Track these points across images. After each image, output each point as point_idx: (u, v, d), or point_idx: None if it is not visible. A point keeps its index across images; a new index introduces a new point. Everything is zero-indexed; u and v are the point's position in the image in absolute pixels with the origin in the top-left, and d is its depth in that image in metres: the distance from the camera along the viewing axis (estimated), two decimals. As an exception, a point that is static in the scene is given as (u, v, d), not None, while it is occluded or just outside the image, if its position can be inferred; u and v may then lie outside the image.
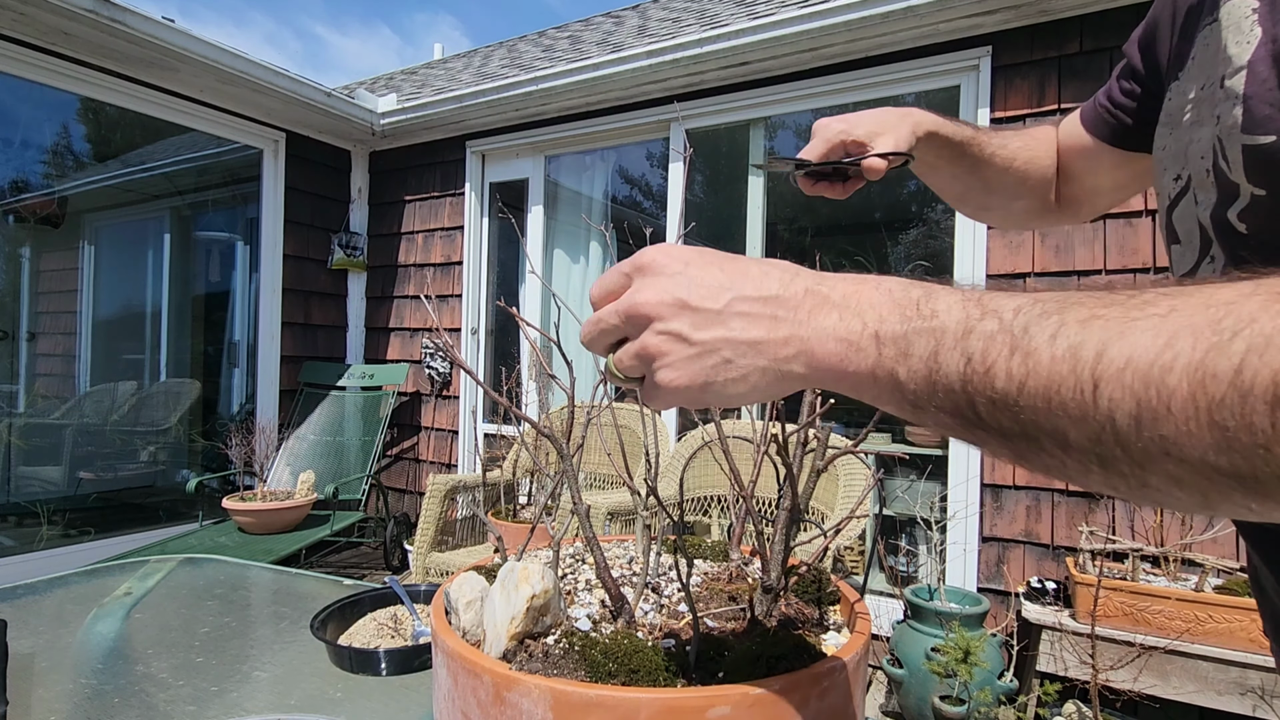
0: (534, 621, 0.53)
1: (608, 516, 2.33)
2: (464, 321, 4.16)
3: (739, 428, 2.30)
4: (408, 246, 4.42)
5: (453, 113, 3.92)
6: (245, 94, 3.68)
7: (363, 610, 1.00)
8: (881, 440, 3.37)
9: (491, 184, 4.22)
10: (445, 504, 2.81)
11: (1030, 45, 2.66)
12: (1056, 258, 2.58)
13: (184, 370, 5.12)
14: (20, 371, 4.53)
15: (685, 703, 0.43)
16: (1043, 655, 2.21)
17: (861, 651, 0.53)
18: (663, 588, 0.67)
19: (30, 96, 3.72)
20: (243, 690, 0.82)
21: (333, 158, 4.47)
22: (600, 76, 3.37)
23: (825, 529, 0.69)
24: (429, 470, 4.28)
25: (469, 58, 6.00)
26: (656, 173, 4.56)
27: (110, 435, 4.49)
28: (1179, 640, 1.97)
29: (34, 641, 0.94)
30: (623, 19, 5.04)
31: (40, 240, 4.60)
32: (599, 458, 3.24)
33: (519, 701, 0.45)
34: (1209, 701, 1.97)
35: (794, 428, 0.61)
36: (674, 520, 0.69)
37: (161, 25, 3.10)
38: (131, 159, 4.92)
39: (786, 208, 5.04)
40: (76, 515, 3.85)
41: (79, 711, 0.76)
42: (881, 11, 2.65)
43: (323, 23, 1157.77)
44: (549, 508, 0.76)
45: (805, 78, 3.09)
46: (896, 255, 4.12)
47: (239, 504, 3.25)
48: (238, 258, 5.00)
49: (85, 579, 1.24)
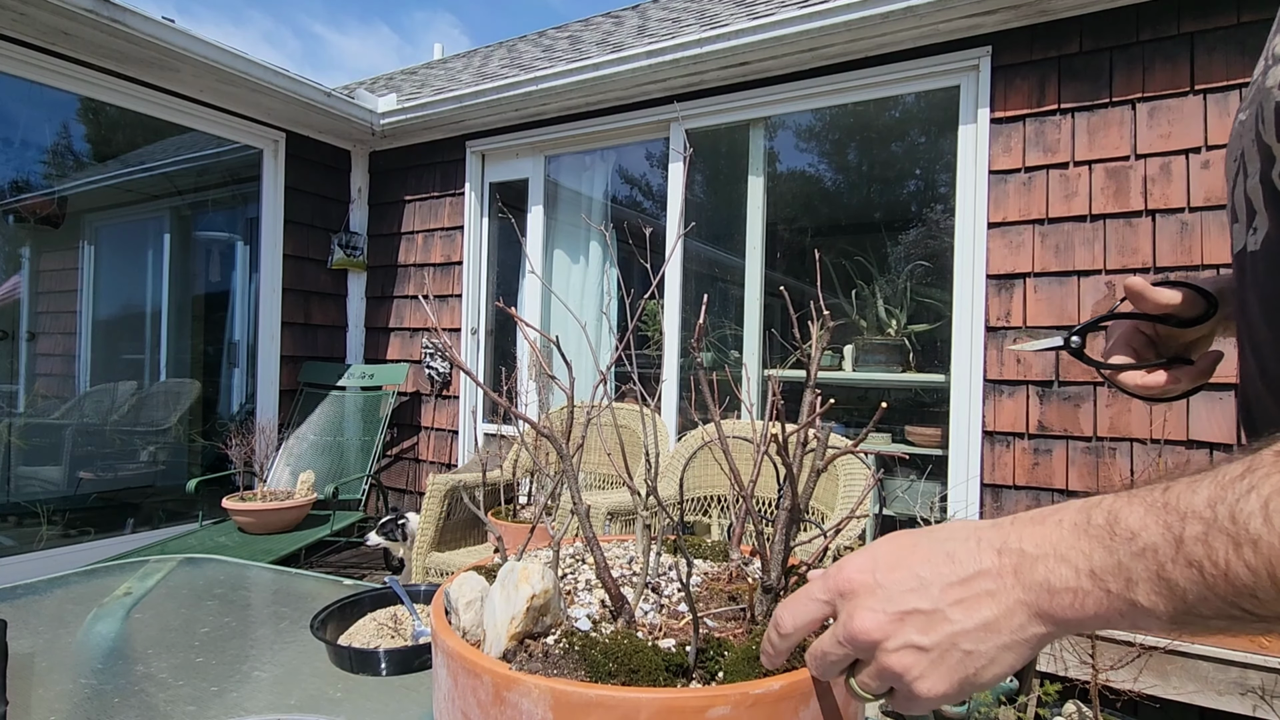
0: (534, 621, 0.53)
1: (608, 516, 2.33)
2: (464, 321, 4.16)
3: (739, 428, 2.30)
4: (408, 246, 4.42)
5: (453, 113, 3.92)
6: (245, 94, 3.68)
7: (363, 610, 1.00)
8: (881, 440, 3.36)
9: (491, 184, 4.22)
10: (445, 504, 2.81)
11: (1030, 45, 2.66)
12: (1057, 258, 2.58)
13: (184, 370, 5.12)
14: (20, 371, 4.53)
15: (685, 703, 0.43)
16: (1043, 655, 2.21)
17: (861, 651, 0.53)
18: (663, 588, 0.67)
19: (30, 96, 3.72)
20: (243, 690, 0.82)
21: (333, 158, 4.47)
22: (600, 76, 3.37)
23: (825, 529, 0.68)
24: (429, 470, 4.28)
25: (469, 58, 6.00)
26: (656, 173, 4.56)
27: (110, 435, 4.49)
28: (1179, 640, 1.97)
29: (34, 641, 0.93)
30: (622, 19, 5.04)
31: (40, 240, 4.59)
32: (599, 458, 3.24)
33: (519, 701, 0.45)
34: (1209, 701, 1.97)
35: (794, 428, 0.61)
36: (674, 520, 0.69)
37: (161, 25, 3.09)
38: (131, 159, 4.92)
39: (786, 208, 5.04)
40: (76, 515, 3.85)
41: (79, 711, 0.76)
42: (881, 11, 2.65)
43: (321, 21, 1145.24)
44: (549, 508, 0.76)
45: (805, 78, 3.09)
46: (896, 255, 4.12)
47: (239, 504, 3.25)
48: (238, 258, 5.00)
49: (85, 579, 1.24)
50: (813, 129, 4.95)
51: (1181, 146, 2.41)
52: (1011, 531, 0.39)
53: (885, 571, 0.41)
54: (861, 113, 4.16)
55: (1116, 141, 2.51)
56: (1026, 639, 0.38)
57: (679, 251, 3.52)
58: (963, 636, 0.38)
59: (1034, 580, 0.37)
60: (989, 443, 2.67)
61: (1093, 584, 0.35)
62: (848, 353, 3.43)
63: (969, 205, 2.77)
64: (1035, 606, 0.37)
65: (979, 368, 2.70)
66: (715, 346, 4.12)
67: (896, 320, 3.41)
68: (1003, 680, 0.41)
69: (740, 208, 3.37)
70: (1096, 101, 2.54)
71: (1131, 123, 2.49)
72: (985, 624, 0.38)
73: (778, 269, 4.25)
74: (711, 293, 2.15)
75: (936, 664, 0.39)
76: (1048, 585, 0.36)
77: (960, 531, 0.41)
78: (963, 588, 0.39)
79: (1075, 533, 0.36)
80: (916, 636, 0.39)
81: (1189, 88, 2.40)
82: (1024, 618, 0.37)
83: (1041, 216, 2.62)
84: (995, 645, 0.38)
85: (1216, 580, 0.31)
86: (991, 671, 0.39)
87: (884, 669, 0.40)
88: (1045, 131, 2.62)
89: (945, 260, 2.98)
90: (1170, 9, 2.44)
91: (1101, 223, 2.52)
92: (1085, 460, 2.50)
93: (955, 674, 0.39)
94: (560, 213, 4.19)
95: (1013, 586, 0.38)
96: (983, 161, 2.73)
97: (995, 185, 2.71)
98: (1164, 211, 2.42)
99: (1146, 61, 2.47)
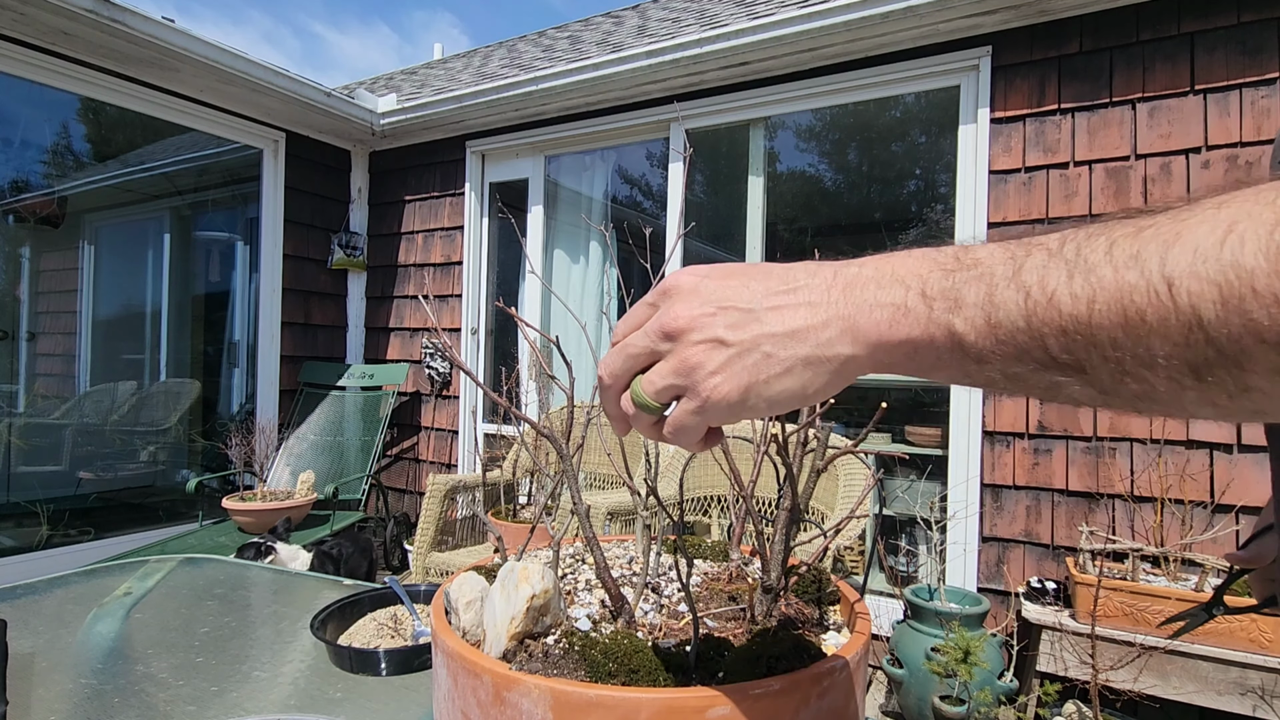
0: (534, 621, 0.53)
1: (608, 516, 2.33)
2: (464, 321, 4.16)
3: (739, 428, 2.30)
4: (407, 246, 4.42)
5: (452, 113, 3.93)
6: (245, 94, 3.68)
7: (363, 610, 1.00)
8: (881, 440, 3.37)
9: (491, 184, 4.22)
10: (445, 504, 2.81)
11: (1030, 45, 2.66)
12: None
13: (184, 370, 5.12)
14: (20, 371, 4.53)
15: (685, 703, 0.43)
16: (1043, 655, 2.21)
17: (861, 651, 0.53)
18: (663, 588, 0.67)
19: (30, 96, 3.72)
20: (243, 690, 0.82)
21: (333, 158, 4.47)
22: (600, 76, 3.37)
23: (825, 529, 0.69)
24: (429, 470, 4.28)
25: (469, 57, 6.00)
26: (656, 173, 4.56)
27: (110, 435, 4.49)
28: (1179, 640, 1.97)
29: (34, 641, 0.93)
30: (622, 19, 5.04)
31: (40, 240, 4.59)
32: (599, 458, 3.24)
33: (519, 701, 0.45)
34: (1209, 701, 1.97)
35: (794, 428, 0.61)
36: (674, 520, 0.69)
37: (161, 25, 3.10)
38: (131, 159, 4.92)
39: (786, 208, 5.05)
40: (76, 515, 3.85)
41: (79, 711, 0.76)
42: (881, 11, 2.65)
43: (321, 21, 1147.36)
44: (549, 508, 0.76)
45: (805, 77, 3.09)
46: (896, 255, 4.11)
47: (239, 504, 3.25)
48: (238, 258, 5.00)
49: (85, 579, 1.24)
50: (813, 129, 4.95)
51: (1182, 146, 2.40)
52: (859, 260, 0.37)
53: (719, 278, 0.38)
54: (861, 113, 4.16)
55: (1116, 141, 2.51)
56: (830, 356, 0.35)
57: (679, 251, 3.52)
58: (767, 339, 0.36)
59: (861, 299, 0.35)
60: (989, 442, 2.67)
61: (920, 302, 0.33)
62: (848, 353, 3.42)
63: (969, 205, 2.77)
64: (850, 320, 0.35)
65: (979, 368, 2.69)
66: (715, 346, 4.11)
67: (896, 320, 3.41)
68: (791, 398, 0.36)
69: (740, 208, 3.37)
70: (1096, 101, 2.54)
71: (1131, 123, 2.49)
72: (794, 330, 0.35)
73: (778, 269, 4.24)
74: (711, 293, 2.14)
75: (732, 362, 0.36)
76: (874, 301, 0.34)
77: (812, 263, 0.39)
78: (787, 295, 0.36)
79: (922, 260, 0.34)
80: (724, 331, 0.36)
81: (1189, 88, 2.40)
82: (835, 331, 0.35)
83: (1041, 216, 2.62)
84: (796, 354, 0.35)
85: (1037, 305, 0.29)
86: (783, 383, 0.36)
87: (682, 361, 0.37)
88: (1045, 131, 2.62)
89: (945, 260, 2.98)
90: (1170, 9, 2.44)
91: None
92: (1085, 460, 2.50)
93: (746, 376, 0.36)
94: (560, 213, 4.19)
95: (838, 301, 0.35)
96: (983, 161, 2.73)
97: (995, 185, 2.71)
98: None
99: (1146, 61, 2.47)
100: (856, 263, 0.37)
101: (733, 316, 0.37)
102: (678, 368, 0.37)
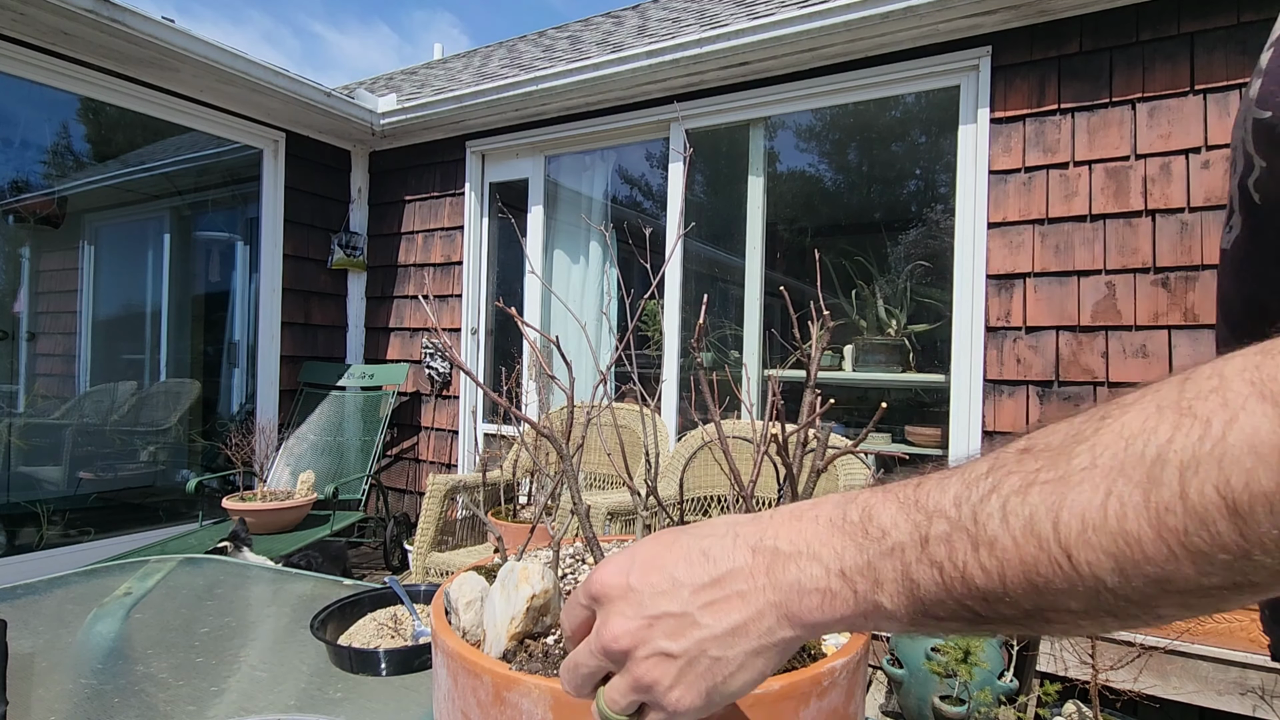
0: (534, 621, 0.53)
1: (608, 516, 2.33)
2: (464, 321, 4.16)
3: (739, 428, 2.30)
4: (408, 246, 4.43)
5: (452, 113, 3.93)
6: (245, 94, 3.68)
7: (363, 610, 1.00)
8: (881, 440, 3.36)
9: (491, 184, 4.22)
10: (445, 504, 2.81)
11: (1030, 45, 2.66)
12: (1056, 258, 2.58)
13: (184, 370, 5.12)
14: (20, 371, 4.53)
15: (685, 703, 0.43)
16: (1043, 655, 2.21)
17: (861, 652, 0.53)
18: (663, 588, 0.67)
19: (30, 96, 3.72)
20: (243, 690, 0.82)
21: (333, 158, 4.47)
22: (600, 76, 3.37)
23: (825, 529, 0.68)
24: (429, 470, 4.28)
25: (469, 58, 6.00)
26: (656, 173, 4.56)
27: (110, 435, 4.49)
28: (1179, 640, 1.97)
29: (34, 641, 0.93)
30: (622, 19, 5.04)
31: (40, 240, 4.59)
32: (599, 458, 3.24)
33: (519, 701, 0.45)
34: (1209, 701, 1.97)
35: (794, 428, 0.61)
36: (674, 520, 0.69)
37: (161, 25, 3.10)
38: (131, 159, 4.92)
39: (786, 208, 5.05)
40: (76, 515, 3.85)
41: (79, 711, 0.76)
42: (881, 11, 2.65)
43: (321, 20, 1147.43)
44: (549, 508, 0.76)
45: (805, 78, 3.09)
46: (896, 255, 4.12)
47: (239, 504, 3.25)
48: (238, 258, 5.00)
49: (85, 579, 1.24)
50: (813, 129, 4.95)
51: (1181, 146, 2.41)
52: (769, 527, 0.37)
53: (641, 573, 0.38)
54: (861, 113, 4.16)
55: (1116, 141, 2.51)
56: (775, 643, 0.36)
57: (679, 251, 3.52)
58: (711, 642, 0.36)
59: (785, 580, 0.35)
60: (989, 443, 2.66)
61: (842, 584, 0.34)
62: (848, 353, 3.43)
63: (969, 205, 2.77)
64: (784, 608, 0.35)
65: (979, 368, 2.70)
66: (715, 346, 4.12)
67: (896, 320, 3.41)
68: (752, 688, 0.37)
69: (740, 208, 3.37)
70: (1096, 101, 2.54)
71: (1131, 123, 2.49)
72: (734, 628, 0.36)
73: (778, 269, 4.25)
74: (711, 293, 2.15)
75: (685, 672, 0.36)
76: (799, 585, 0.35)
77: (720, 527, 0.39)
78: (714, 589, 0.36)
79: (830, 529, 0.35)
80: (665, 643, 0.36)
81: (1189, 88, 2.40)
82: (773, 620, 0.35)
83: (1041, 216, 2.62)
84: (743, 650, 0.36)
85: (954, 581, 0.31)
86: (740, 679, 0.36)
87: (636, 680, 0.37)
88: (1045, 131, 2.62)
89: (945, 260, 2.98)
90: (1170, 9, 2.44)
91: (1101, 223, 2.52)
92: (1085, 460, 2.49)
93: (703, 682, 0.36)
94: (560, 213, 4.19)
95: (764, 587, 0.36)
96: (983, 161, 2.73)
97: (995, 185, 2.71)
98: (1164, 211, 2.42)
99: (1146, 61, 2.47)
100: (769, 527, 0.37)
101: (668, 625, 0.37)
102: (634, 685, 0.38)
